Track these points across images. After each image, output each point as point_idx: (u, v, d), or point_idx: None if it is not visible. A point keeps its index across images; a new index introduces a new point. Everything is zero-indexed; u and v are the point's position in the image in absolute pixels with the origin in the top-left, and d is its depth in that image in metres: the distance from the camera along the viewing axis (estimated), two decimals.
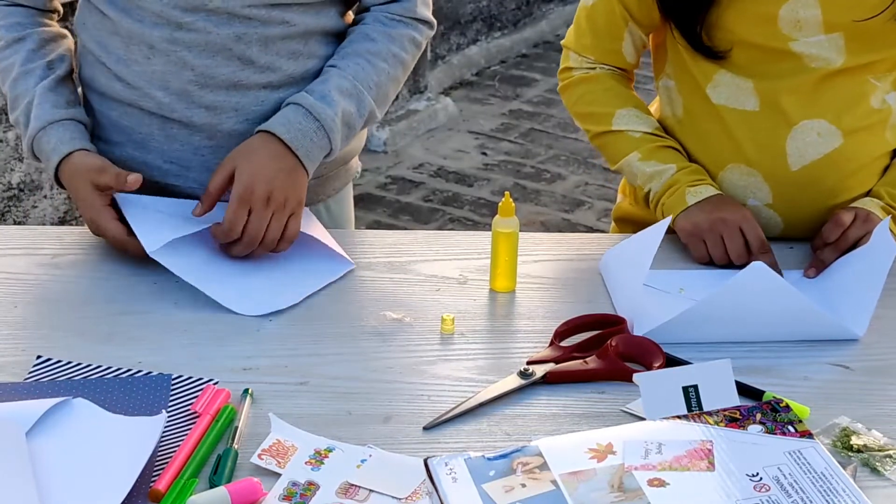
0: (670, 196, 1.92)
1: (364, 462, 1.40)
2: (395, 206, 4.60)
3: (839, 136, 1.90)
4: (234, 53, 1.84)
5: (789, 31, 1.85)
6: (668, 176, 1.93)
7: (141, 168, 1.90)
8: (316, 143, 1.84)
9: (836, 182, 1.93)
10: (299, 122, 1.83)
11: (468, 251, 1.90)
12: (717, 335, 1.67)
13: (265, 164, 1.80)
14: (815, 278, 1.85)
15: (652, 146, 1.97)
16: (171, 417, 1.47)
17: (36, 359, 1.59)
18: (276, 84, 1.88)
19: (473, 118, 5.43)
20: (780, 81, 1.89)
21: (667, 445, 1.34)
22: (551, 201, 4.66)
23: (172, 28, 1.83)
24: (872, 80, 1.90)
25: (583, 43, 2.03)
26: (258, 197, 1.78)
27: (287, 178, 1.81)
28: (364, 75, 1.88)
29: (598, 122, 2.01)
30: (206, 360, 1.60)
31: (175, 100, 1.86)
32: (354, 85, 1.87)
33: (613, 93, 2.02)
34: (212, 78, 1.85)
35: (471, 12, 5.98)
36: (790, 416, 1.39)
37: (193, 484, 1.35)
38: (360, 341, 1.66)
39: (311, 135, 1.83)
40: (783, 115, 1.90)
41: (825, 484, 1.30)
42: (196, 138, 1.89)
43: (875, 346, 1.70)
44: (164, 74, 1.85)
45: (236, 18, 1.83)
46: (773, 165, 1.92)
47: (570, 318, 1.69)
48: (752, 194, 1.95)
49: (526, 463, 1.32)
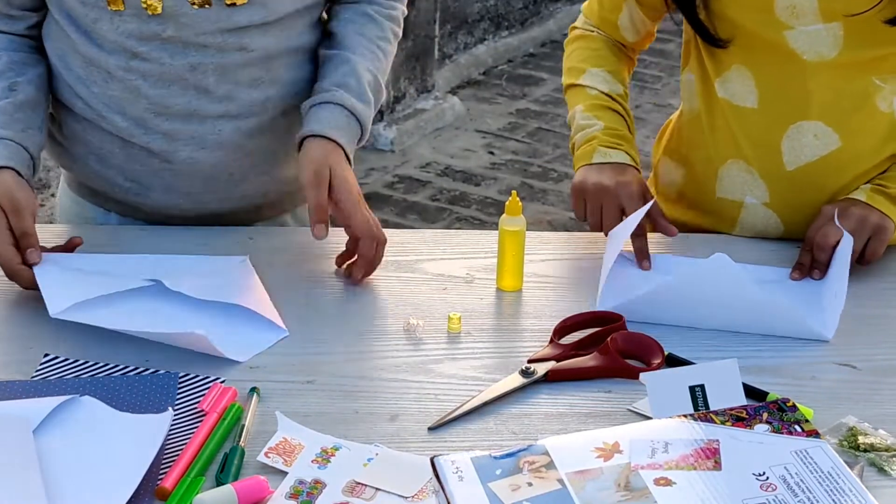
0: (582, 150, 1.94)
1: (370, 461, 1.41)
2: (402, 205, 4.60)
3: (837, 138, 1.88)
4: (190, 83, 1.81)
5: (786, 19, 1.83)
6: (593, 131, 1.95)
7: (102, 183, 1.90)
8: (355, 143, 1.86)
9: (835, 184, 1.91)
10: (348, 126, 1.83)
11: (475, 250, 1.90)
12: (680, 319, 1.70)
13: (345, 166, 1.79)
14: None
15: (598, 103, 1.98)
16: (178, 415, 1.47)
17: (43, 357, 1.59)
18: (233, 113, 1.85)
19: (481, 117, 5.43)
20: (779, 78, 1.88)
21: (673, 444, 1.34)
22: (558, 200, 4.66)
23: (128, 56, 1.80)
24: (878, 82, 1.87)
25: (591, 6, 2.07)
26: (360, 197, 1.78)
27: (350, 174, 1.81)
28: (382, 66, 1.91)
29: (572, 75, 2.04)
30: (212, 358, 1.60)
31: (132, 125, 1.84)
32: (377, 80, 1.89)
33: (598, 54, 2.03)
34: (167, 107, 1.82)
35: (478, 11, 5.98)
36: (797, 416, 1.39)
37: (200, 482, 1.35)
38: (367, 340, 1.67)
39: (354, 136, 1.85)
40: (780, 114, 1.89)
41: (832, 483, 1.30)
42: (155, 161, 1.87)
43: (882, 345, 1.69)
44: (121, 100, 1.83)
45: (191, 47, 1.79)
46: (769, 164, 1.92)
47: (569, 316, 1.69)
48: (750, 192, 1.94)
49: (532, 462, 1.32)
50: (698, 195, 2.00)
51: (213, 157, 1.86)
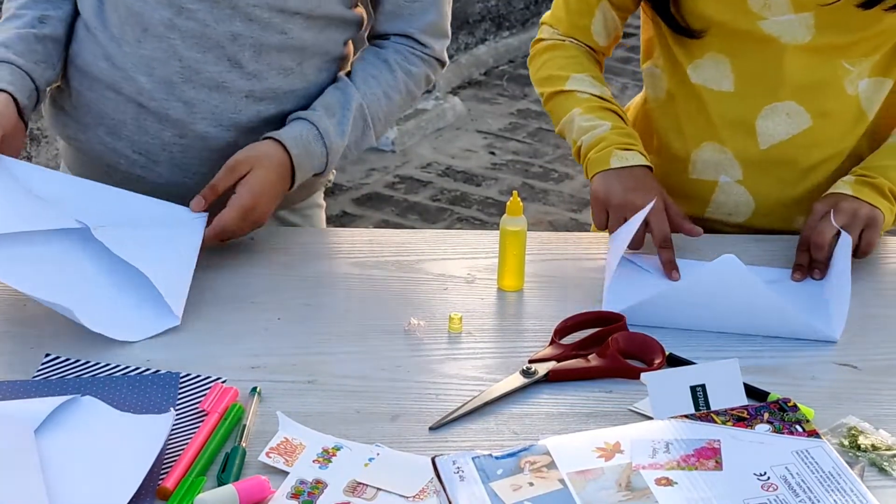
0: (597, 153, 1.92)
1: (372, 460, 1.41)
2: (403, 205, 4.60)
3: (808, 117, 1.92)
4: (226, 53, 1.84)
5: (759, 10, 1.87)
6: (601, 132, 1.93)
7: (110, 154, 1.91)
8: (315, 167, 1.87)
9: (805, 163, 1.95)
10: (310, 143, 1.85)
11: (476, 250, 1.90)
12: (687, 322, 1.69)
13: (274, 183, 1.81)
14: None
15: (595, 105, 1.97)
16: (180, 416, 1.47)
17: (44, 357, 1.59)
18: (258, 95, 1.87)
19: (481, 117, 5.43)
20: (755, 62, 1.90)
21: (674, 444, 1.34)
22: (559, 201, 4.66)
23: (174, 11, 1.81)
24: (846, 65, 1.90)
25: (557, 16, 2.06)
26: (257, 214, 1.80)
27: (277, 201, 1.84)
28: (376, 110, 1.92)
29: (553, 83, 2.02)
30: (214, 358, 1.60)
31: (156, 88, 1.85)
32: (366, 121, 1.91)
33: (575, 60, 2.02)
34: (197, 73, 1.84)
35: (479, 12, 5.98)
36: (798, 416, 1.39)
37: (202, 482, 1.35)
38: (368, 340, 1.67)
39: (314, 159, 1.86)
40: (755, 96, 1.92)
41: (833, 483, 1.30)
42: (167, 134, 1.88)
43: (883, 345, 1.69)
44: (151, 60, 1.84)
45: (238, 16, 1.82)
46: (744, 144, 1.95)
47: (570, 316, 1.69)
48: (724, 171, 1.97)
49: (533, 462, 1.32)
50: (670, 179, 1.99)
51: (226, 136, 1.87)
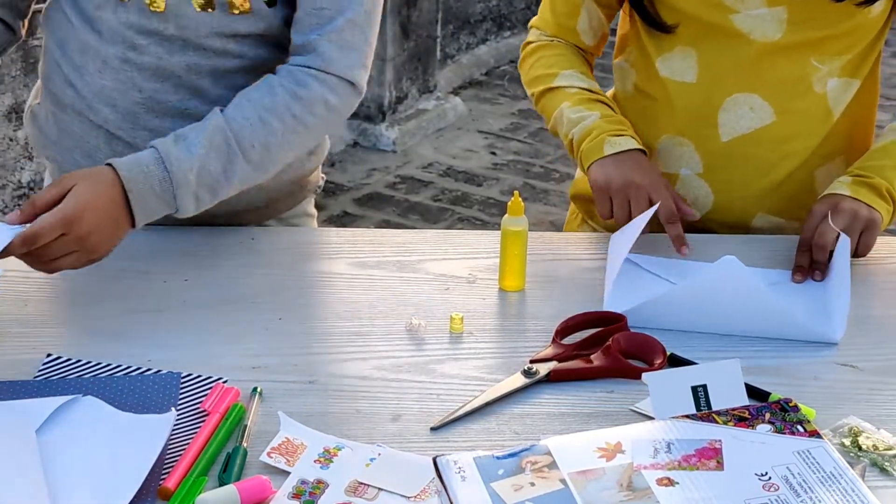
0: (590, 142, 1.92)
1: (373, 460, 1.41)
2: (404, 205, 4.60)
3: (771, 113, 1.93)
4: (184, 82, 1.82)
5: (732, 3, 1.88)
6: (591, 122, 1.93)
7: None
8: (157, 193, 1.69)
9: (767, 159, 1.95)
10: (147, 166, 1.69)
11: (477, 250, 1.90)
12: (688, 324, 1.69)
13: (102, 203, 1.64)
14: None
15: (584, 97, 1.98)
16: (181, 416, 1.47)
17: (46, 357, 1.59)
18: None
19: (482, 118, 5.43)
20: (721, 55, 1.91)
21: (675, 445, 1.34)
22: (560, 201, 4.66)
23: (126, 47, 1.80)
24: (815, 63, 1.91)
25: (544, 18, 2.07)
26: (78, 230, 1.61)
27: (110, 229, 1.65)
28: (248, 134, 1.74)
29: (542, 82, 2.03)
30: (215, 358, 1.60)
31: (121, 119, 1.84)
32: (229, 144, 1.73)
33: (563, 58, 2.03)
34: (159, 103, 1.83)
35: (480, 12, 5.98)
36: (799, 416, 1.39)
37: (203, 482, 1.35)
38: (369, 340, 1.67)
39: (153, 183, 1.68)
40: (718, 87, 1.93)
41: (834, 484, 1.30)
42: None
43: (884, 345, 1.69)
44: (112, 91, 1.83)
45: (189, 47, 1.80)
46: (705, 136, 1.96)
47: (571, 316, 1.69)
48: (685, 164, 1.98)
49: (535, 462, 1.32)
50: None
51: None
